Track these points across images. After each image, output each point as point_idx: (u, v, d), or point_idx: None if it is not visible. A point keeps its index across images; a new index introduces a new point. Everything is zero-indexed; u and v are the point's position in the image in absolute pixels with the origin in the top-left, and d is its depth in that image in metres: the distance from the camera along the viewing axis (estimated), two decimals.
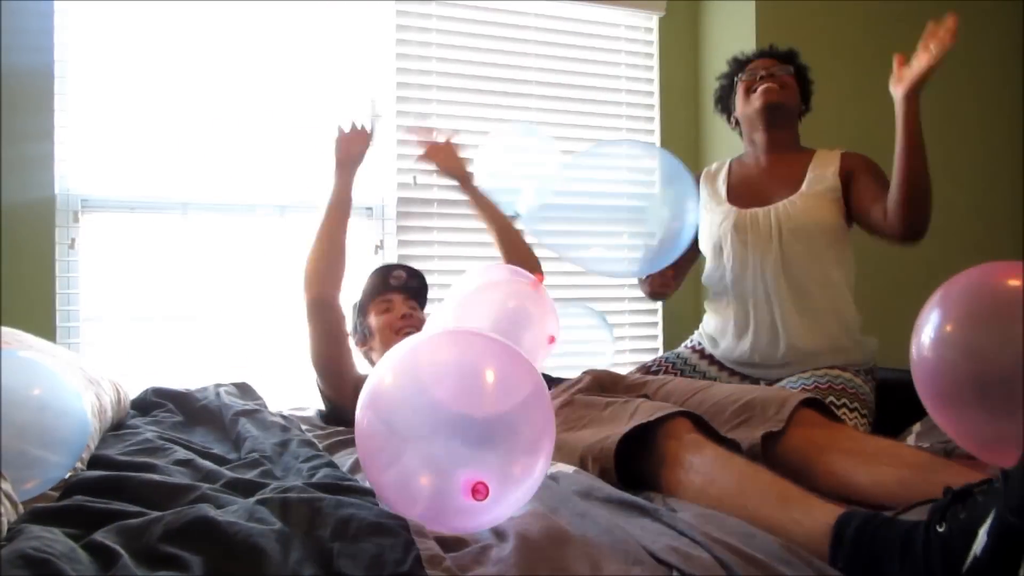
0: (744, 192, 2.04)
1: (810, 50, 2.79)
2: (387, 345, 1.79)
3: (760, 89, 1.99)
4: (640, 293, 2.93)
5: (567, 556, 0.82)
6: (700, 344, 2.10)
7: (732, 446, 1.21)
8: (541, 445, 0.88)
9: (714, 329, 2.05)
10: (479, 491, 0.80)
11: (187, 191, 2.32)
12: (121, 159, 2.27)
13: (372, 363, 1.93)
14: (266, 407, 1.76)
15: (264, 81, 2.40)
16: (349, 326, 1.93)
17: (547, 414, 0.90)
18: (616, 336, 2.84)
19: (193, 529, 0.83)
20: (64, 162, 2.18)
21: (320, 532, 0.85)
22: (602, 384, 1.58)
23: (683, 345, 2.17)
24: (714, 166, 2.18)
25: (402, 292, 1.98)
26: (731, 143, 2.82)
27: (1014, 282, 1.01)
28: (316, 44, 2.47)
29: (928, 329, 1.05)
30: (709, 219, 2.04)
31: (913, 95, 1.70)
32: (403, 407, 0.89)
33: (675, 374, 2.04)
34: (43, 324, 2.05)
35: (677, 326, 2.89)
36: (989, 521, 0.76)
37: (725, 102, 2.14)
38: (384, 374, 0.92)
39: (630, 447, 1.17)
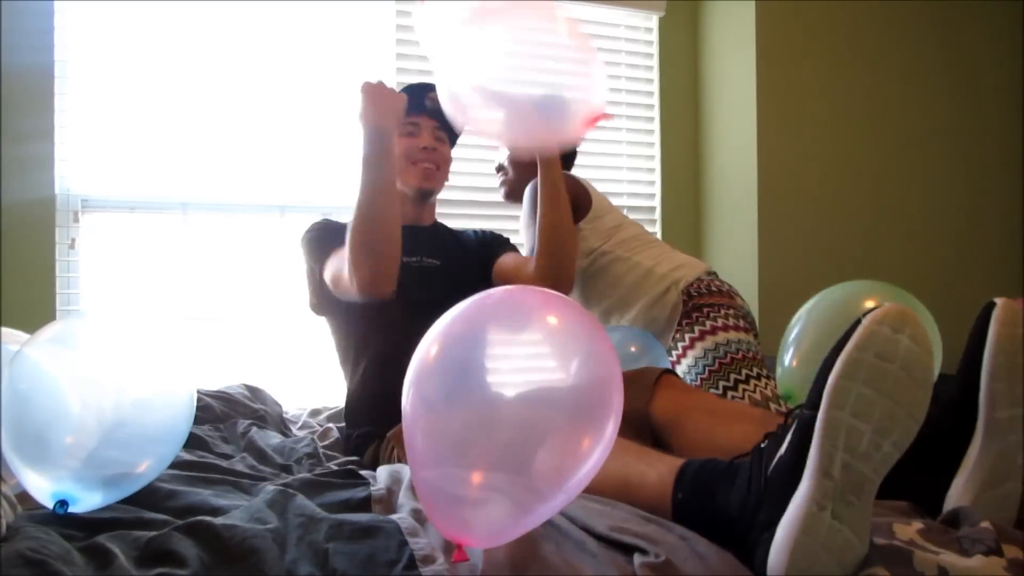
0: None
1: (810, 50, 2.80)
2: (401, 174, 1.67)
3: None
4: None
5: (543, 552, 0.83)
6: None
7: None
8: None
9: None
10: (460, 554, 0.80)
11: (187, 191, 2.33)
12: (121, 159, 2.27)
13: None
14: (273, 412, 1.78)
15: (264, 81, 2.41)
16: None
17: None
18: None
19: (189, 530, 0.84)
20: (64, 162, 2.18)
21: (315, 534, 0.86)
22: None
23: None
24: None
25: (434, 118, 1.72)
26: (731, 144, 2.82)
27: None
28: (316, 44, 2.47)
29: None
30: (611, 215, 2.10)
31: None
32: None
33: None
34: (43, 324, 2.04)
35: None
36: (793, 425, 0.85)
37: None
38: None
39: None
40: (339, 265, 1.52)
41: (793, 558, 0.79)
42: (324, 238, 1.63)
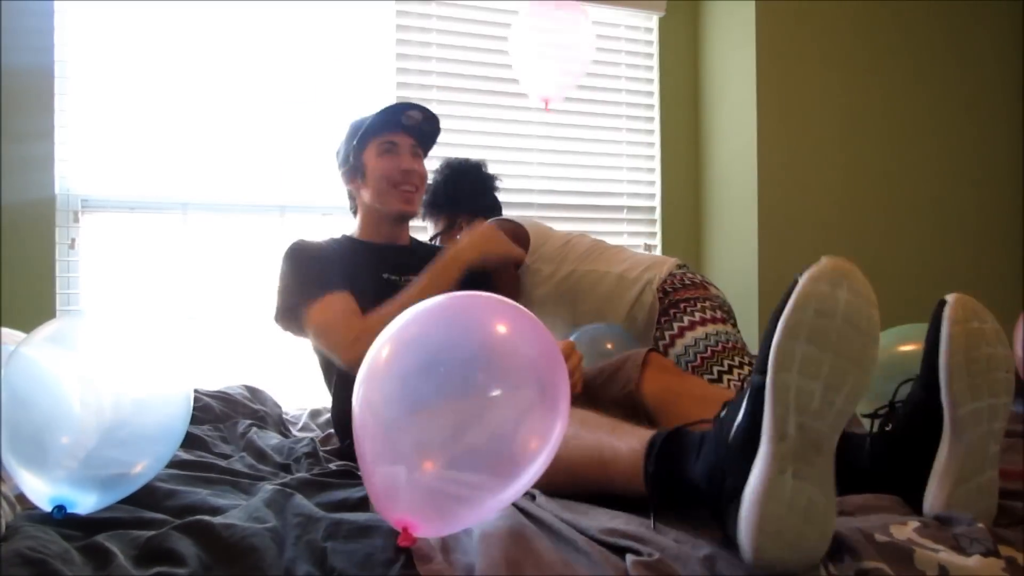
0: None
1: (810, 50, 2.81)
2: (381, 196, 1.69)
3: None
4: None
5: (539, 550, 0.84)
6: None
7: None
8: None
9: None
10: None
11: (187, 191, 2.33)
12: (121, 159, 2.27)
13: (357, 202, 1.76)
14: (273, 413, 1.78)
15: (264, 81, 2.41)
16: (341, 156, 1.75)
17: None
18: None
19: (187, 529, 0.84)
20: (64, 162, 2.18)
21: (313, 533, 0.86)
22: None
23: None
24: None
25: (411, 135, 1.72)
26: (731, 144, 2.82)
27: None
28: (316, 44, 2.48)
29: None
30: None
31: None
32: None
33: None
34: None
35: None
36: (747, 392, 0.85)
37: None
38: None
39: None
40: (330, 322, 1.51)
41: (761, 524, 0.78)
42: (318, 272, 1.59)
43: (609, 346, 1.78)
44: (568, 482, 1.04)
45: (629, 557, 0.82)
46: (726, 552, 0.83)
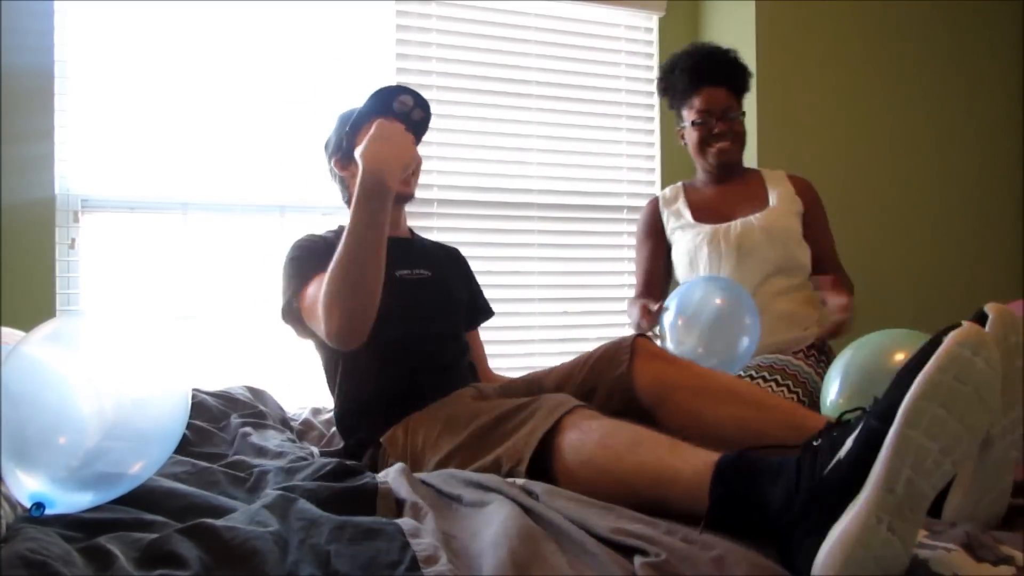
0: (709, 212, 2.16)
1: (809, 50, 2.81)
2: None
3: (716, 149, 2.12)
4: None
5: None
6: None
7: None
8: None
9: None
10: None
11: (187, 191, 2.32)
12: (121, 159, 2.27)
13: (350, 191, 1.65)
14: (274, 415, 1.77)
15: (264, 81, 2.41)
16: (332, 144, 1.75)
17: None
18: (617, 335, 2.84)
19: (190, 532, 0.84)
20: (64, 162, 2.18)
21: (317, 536, 0.86)
22: (481, 394, 1.59)
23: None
24: (668, 192, 2.28)
25: (403, 122, 1.62)
26: None
27: None
28: (316, 44, 2.47)
29: None
30: (681, 241, 2.16)
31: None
32: None
33: None
34: None
35: None
36: (857, 430, 0.85)
37: (675, 106, 2.24)
38: None
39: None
40: (313, 308, 1.45)
41: (845, 565, 0.79)
42: (305, 261, 1.56)
43: (719, 301, 1.80)
44: (618, 495, 1.04)
45: (637, 558, 0.82)
46: (734, 554, 0.83)
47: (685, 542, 0.84)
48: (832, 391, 1.44)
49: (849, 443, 0.85)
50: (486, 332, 1.91)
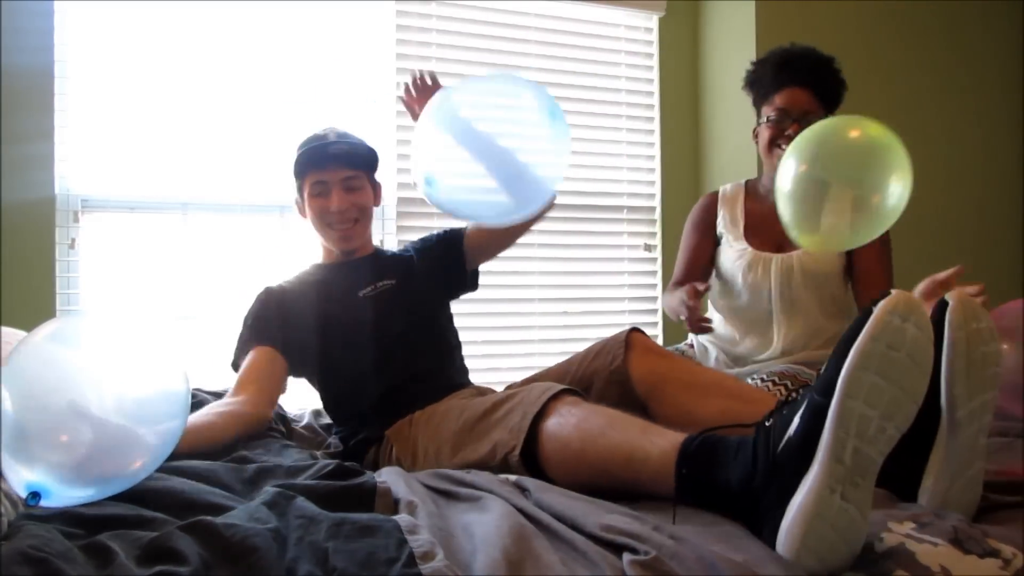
0: (759, 232, 2.03)
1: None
2: (321, 234, 1.68)
3: (781, 145, 1.97)
4: (640, 294, 2.95)
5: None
6: (692, 342, 2.17)
7: None
8: None
9: (717, 335, 2.09)
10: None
11: (187, 191, 2.33)
12: (121, 159, 2.28)
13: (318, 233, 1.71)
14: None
15: (264, 81, 2.41)
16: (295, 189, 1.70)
17: None
18: None
19: (189, 529, 0.84)
20: (64, 162, 2.18)
21: (315, 533, 0.86)
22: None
23: (683, 343, 2.22)
24: (729, 188, 2.16)
25: (343, 164, 1.63)
26: (731, 144, 2.82)
27: None
28: (316, 44, 2.48)
29: None
30: (727, 251, 2.06)
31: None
32: None
33: None
34: None
35: (676, 323, 2.90)
36: (802, 407, 0.89)
37: (757, 102, 2.11)
38: None
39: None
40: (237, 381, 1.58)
41: (805, 537, 0.83)
42: (250, 328, 1.65)
43: None
44: (593, 477, 1.09)
45: (626, 556, 0.82)
46: (723, 550, 0.84)
47: (673, 539, 0.84)
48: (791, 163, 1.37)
49: (796, 420, 0.89)
50: (487, 332, 1.91)
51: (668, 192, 2.93)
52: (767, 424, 0.94)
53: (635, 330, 1.51)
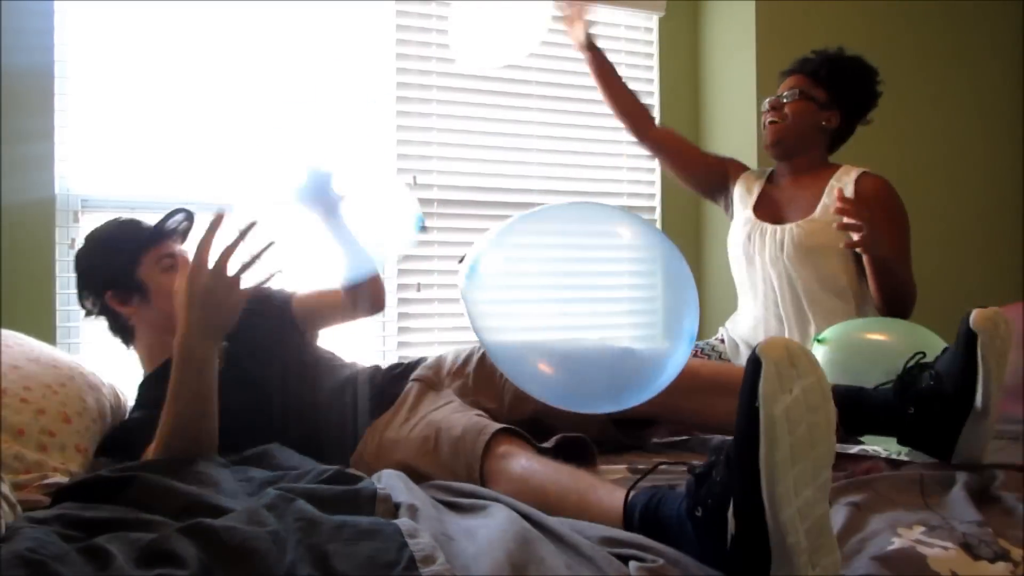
0: (766, 205, 2.08)
1: (809, 51, 2.80)
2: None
3: (767, 128, 2.05)
4: (640, 294, 2.94)
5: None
6: (722, 337, 2.18)
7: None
8: None
9: (735, 319, 2.16)
10: None
11: (187, 191, 2.32)
12: (121, 159, 2.27)
13: (130, 331, 1.58)
14: None
15: (264, 81, 2.41)
16: (99, 275, 1.58)
17: None
18: (617, 335, 2.84)
19: (188, 531, 0.84)
20: (64, 162, 2.18)
21: (315, 536, 0.86)
22: (430, 386, 1.59)
23: (713, 337, 2.22)
24: (756, 170, 2.21)
25: (178, 238, 1.59)
26: (731, 144, 2.82)
27: None
28: (316, 44, 2.47)
29: None
30: (734, 222, 2.12)
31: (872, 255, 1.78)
32: None
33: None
34: (43, 324, 2.06)
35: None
36: (732, 506, 0.82)
37: None
38: None
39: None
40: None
41: None
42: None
43: None
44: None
45: (633, 564, 0.82)
46: None
47: (674, 548, 0.85)
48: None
49: (731, 519, 0.82)
50: None
51: (668, 192, 2.93)
52: (698, 515, 0.86)
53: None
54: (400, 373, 1.67)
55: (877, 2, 2.87)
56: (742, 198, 2.12)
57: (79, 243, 1.62)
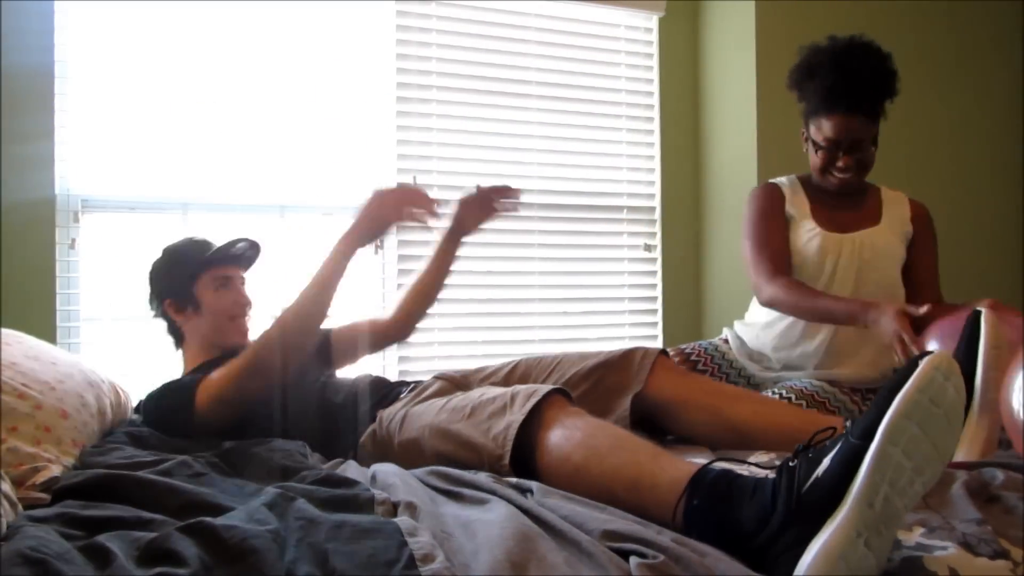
0: (826, 215, 2.02)
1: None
2: (219, 331, 1.70)
3: (838, 180, 1.96)
4: (640, 294, 2.94)
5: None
6: (727, 339, 2.13)
7: None
8: None
9: (768, 326, 2.02)
10: None
11: (187, 191, 2.33)
12: (121, 159, 2.27)
13: (181, 336, 1.74)
14: None
15: (264, 81, 2.41)
16: (163, 284, 1.74)
17: None
18: (617, 334, 2.85)
19: (189, 530, 0.84)
20: (64, 162, 2.18)
21: (315, 535, 0.86)
22: (457, 385, 1.58)
23: (717, 338, 2.18)
24: (785, 181, 2.12)
25: (242, 266, 1.77)
26: (731, 144, 2.82)
27: None
28: (316, 44, 2.47)
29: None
30: (796, 231, 2.02)
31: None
32: None
33: (711, 364, 2.06)
34: (43, 324, 2.06)
35: (677, 323, 2.90)
36: (835, 449, 0.87)
37: (804, 112, 2.05)
38: None
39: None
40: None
41: None
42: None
43: None
44: (592, 495, 1.03)
45: (633, 559, 0.82)
46: (726, 554, 0.84)
47: (676, 543, 0.84)
48: None
49: (827, 462, 0.87)
50: (487, 332, 1.92)
51: (668, 192, 2.93)
52: (791, 464, 0.91)
53: (663, 352, 1.55)
54: (406, 382, 1.70)
55: (877, 2, 2.88)
56: (798, 206, 2.05)
57: (157, 254, 1.79)
